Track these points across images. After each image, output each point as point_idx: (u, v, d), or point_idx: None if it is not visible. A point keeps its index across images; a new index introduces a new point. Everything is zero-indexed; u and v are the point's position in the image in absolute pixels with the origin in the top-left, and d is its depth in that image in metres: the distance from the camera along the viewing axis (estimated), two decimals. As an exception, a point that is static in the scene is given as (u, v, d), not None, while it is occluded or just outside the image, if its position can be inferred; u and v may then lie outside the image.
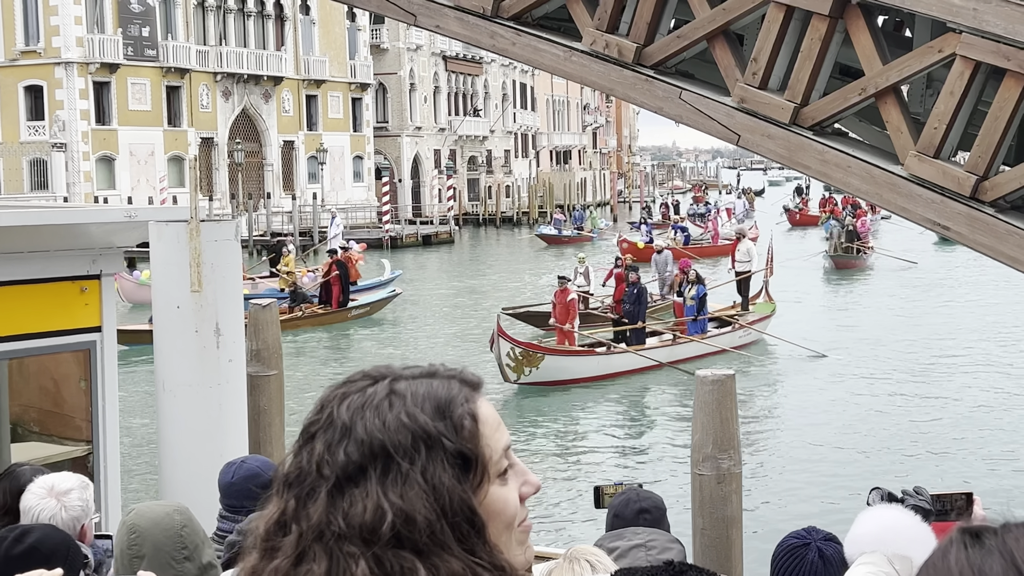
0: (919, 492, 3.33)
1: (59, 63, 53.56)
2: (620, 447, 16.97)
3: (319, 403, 1.44)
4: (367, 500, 1.34)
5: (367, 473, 1.36)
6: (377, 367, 1.47)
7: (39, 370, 7.04)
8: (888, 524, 3.02)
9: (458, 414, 1.40)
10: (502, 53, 10.56)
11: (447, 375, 1.45)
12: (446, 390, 1.42)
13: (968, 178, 7.87)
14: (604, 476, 13.98)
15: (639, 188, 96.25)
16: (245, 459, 4.32)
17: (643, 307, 22.86)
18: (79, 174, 53.89)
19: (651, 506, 3.77)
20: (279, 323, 10.70)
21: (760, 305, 26.21)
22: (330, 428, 1.40)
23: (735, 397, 7.38)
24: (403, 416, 1.38)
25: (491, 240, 64.01)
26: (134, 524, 3.43)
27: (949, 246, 46.72)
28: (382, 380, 1.43)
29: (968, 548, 1.15)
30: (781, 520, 12.64)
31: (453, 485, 1.36)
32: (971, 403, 18.83)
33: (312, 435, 1.41)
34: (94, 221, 6.29)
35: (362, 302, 30.28)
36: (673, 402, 19.51)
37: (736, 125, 9.01)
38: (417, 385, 1.42)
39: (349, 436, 1.38)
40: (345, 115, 69.33)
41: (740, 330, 24.06)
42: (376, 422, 1.38)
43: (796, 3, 8.46)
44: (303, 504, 1.37)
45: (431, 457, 1.37)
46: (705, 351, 22.23)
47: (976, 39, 7.61)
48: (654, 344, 22.36)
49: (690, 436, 16.21)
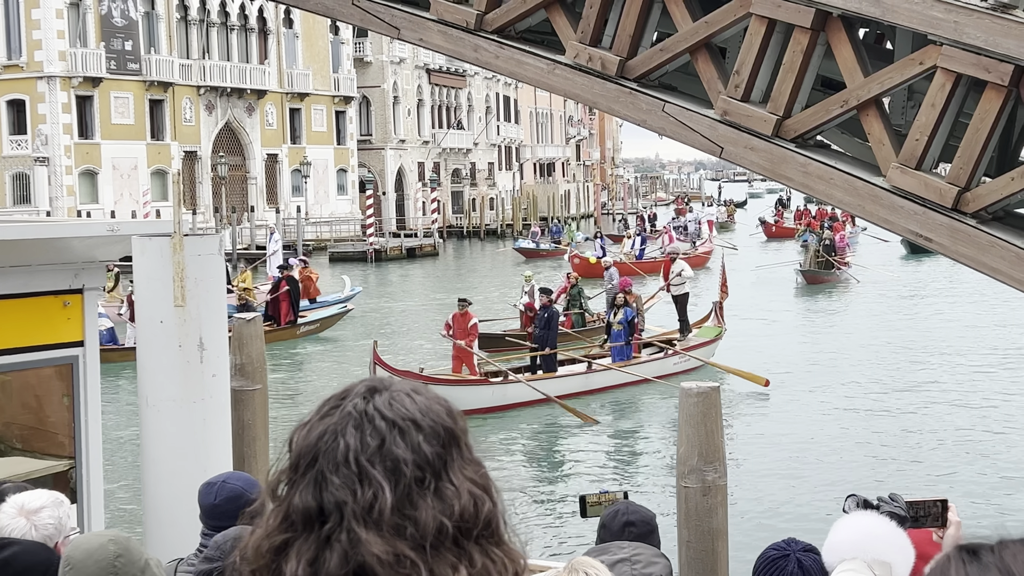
0: (894, 499, 3.36)
1: (42, 77, 53.41)
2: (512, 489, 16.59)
3: (319, 423, 1.37)
4: (461, 488, 1.32)
5: (447, 461, 1.33)
6: (346, 388, 1.42)
7: (21, 386, 7.01)
8: (866, 530, 3.03)
9: (446, 399, 1.42)
10: (485, 66, 10.57)
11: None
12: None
13: (950, 189, 7.91)
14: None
15: (623, 200, 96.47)
16: (226, 479, 4.24)
17: (553, 332, 21.08)
18: (62, 188, 53.72)
19: (638, 520, 3.76)
20: (263, 337, 10.67)
21: (704, 329, 24.17)
22: (368, 430, 1.33)
23: (720, 409, 7.38)
24: (436, 404, 1.37)
25: (475, 253, 64.02)
26: (68, 556, 3.39)
27: (916, 258, 46.74)
28: (378, 389, 1.40)
29: (967, 565, 1.16)
30: (767, 532, 12.67)
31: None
32: (945, 412, 18.97)
33: (328, 442, 1.34)
34: (76, 235, 6.26)
35: (312, 319, 29.21)
36: (551, 443, 17.96)
37: (719, 137, 9.04)
38: (399, 384, 1.41)
39: (412, 430, 1.33)
40: (329, 128, 69.30)
41: (674, 356, 22.29)
42: (432, 413, 1.35)
43: (778, 16, 8.50)
44: (388, 512, 1.28)
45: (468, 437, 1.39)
46: (623, 380, 20.56)
47: (957, 51, 7.65)
48: (565, 372, 20.68)
49: (634, 458, 16.15)
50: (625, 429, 18.95)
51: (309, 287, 31.38)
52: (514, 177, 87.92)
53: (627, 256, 44.27)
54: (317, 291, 31.91)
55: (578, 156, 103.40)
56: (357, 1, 10.53)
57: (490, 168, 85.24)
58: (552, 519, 13.83)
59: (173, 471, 6.57)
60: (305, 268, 32.39)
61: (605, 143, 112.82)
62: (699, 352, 22.66)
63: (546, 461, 17.10)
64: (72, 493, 6.76)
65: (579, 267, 39.91)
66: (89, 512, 6.76)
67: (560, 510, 14.16)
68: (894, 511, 3.28)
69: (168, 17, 58.87)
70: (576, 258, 43.96)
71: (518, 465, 16.52)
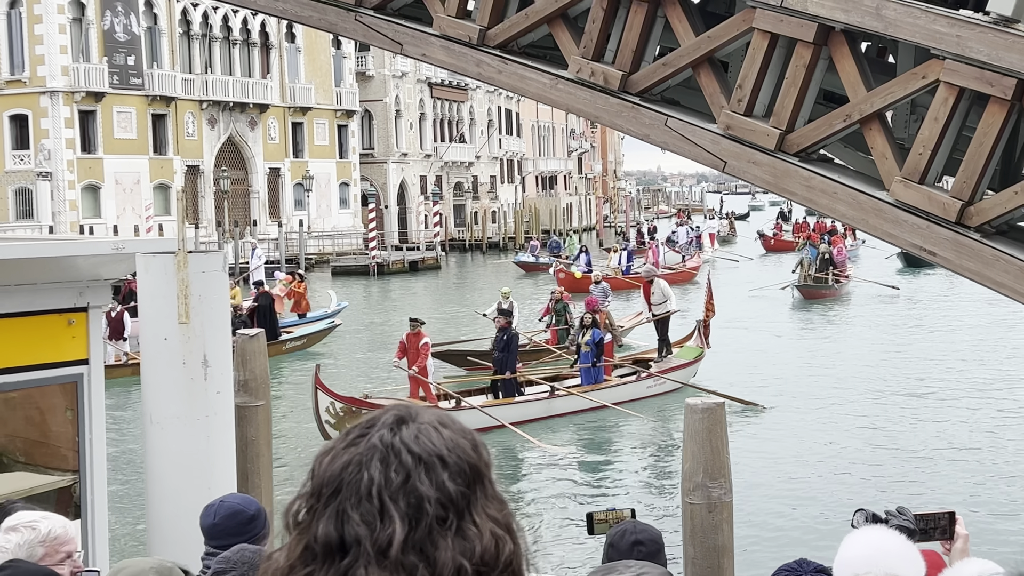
0: (902, 512, 3.35)
1: (44, 92, 53.50)
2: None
3: (333, 457, 1.35)
4: (483, 528, 1.29)
5: (471, 500, 1.31)
6: (373, 416, 1.40)
7: (25, 400, 7.00)
8: (876, 545, 3.01)
9: (472, 430, 1.40)
10: (488, 81, 10.59)
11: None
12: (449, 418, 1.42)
13: (954, 203, 7.91)
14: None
15: (624, 213, 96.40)
16: (223, 499, 4.26)
17: (512, 355, 19.94)
18: (65, 203, 53.77)
19: (647, 539, 3.75)
20: (267, 353, 10.65)
21: (685, 349, 23.01)
22: (394, 464, 1.30)
23: (725, 426, 7.32)
24: (462, 439, 1.35)
25: (477, 266, 64.01)
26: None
27: (913, 271, 46.31)
28: (405, 420, 1.37)
29: None
30: (772, 548, 12.61)
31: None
32: (950, 425, 18.90)
33: (345, 476, 1.31)
34: (81, 254, 6.26)
35: (298, 334, 28.40)
36: (513, 473, 17.00)
37: (722, 152, 9.04)
38: (426, 415, 1.39)
39: (437, 467, 1.31)
40: (331, 142, 69.37)
41: (649, 379, 21.17)
42: (458, 449, 1.33)
43: (780, 31, 8.51)
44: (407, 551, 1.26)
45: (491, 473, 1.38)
46: (587, 406, 19.48)
47: (960, 65, 7.66)
48: (525, 398, 19.73)
49: (633, 475, 15.82)
50: (606, 450, 18.31)
51: (300, 302, 30.76)
52: (516, 190, 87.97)
53: (614, 271, 43.10)
54: (308, 306, 31.13)
55: (580, 169, 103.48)
56: (360, 17, 10.55)
57: (492, 181, 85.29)
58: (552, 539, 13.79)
59: (177, 488, 6.56)
60: (301, 282, 31.78)
61: (607, 156, 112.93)
62: (677, 374, 21.56)
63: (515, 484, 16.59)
64: (76, 508, 6.76)
65: (564, 282, 39.06)
66: (93, 527, 6.75)
67: (564, 532, 14.12)
68: (903, 524, 3.26)
69: (170, 32, 59.00)
70: (561, 272, 42.95)
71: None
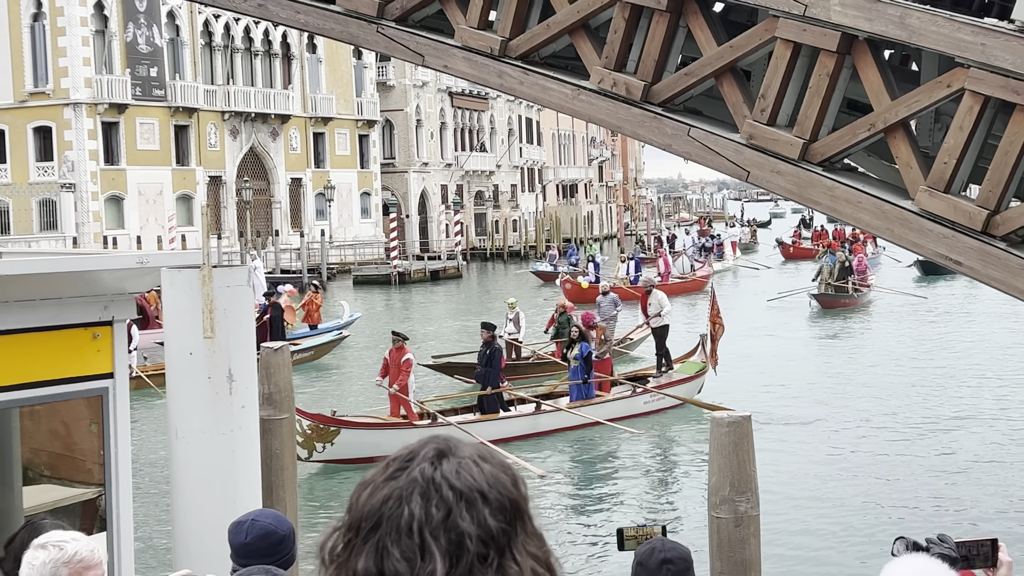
0: (943, 540, 3.28)
1: (68, 104, 53.88)
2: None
3: (375, 490, 1.33)
4: (524, 566, 1.28)
5: (512, 537, 1.29)
6: (412, 449, 1.38)
7: (49, 412, 7.03)
8: (919, 573, 2.96)
9: (511, 464, 1.39)
10: (510, 92, 10.59)
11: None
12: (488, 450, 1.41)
13: (979, 212, 7.85)
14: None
15: (645, 221, 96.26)
16: (255, 517, 4.21)
17: (495, 370, 19.23)
18: (88, 214, 54.09)
19: (675, 556, 3.73)
20: (291, 365, 10.65)
21: (686, 364, 22.11)
22: (435, 500, 1.29)
23: (752, 439, 7.26)
24: (503, 474, 1.34)
25: (498, 275, 63.99)
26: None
27: (930, 279, 45.56)
28: (445, 453, 1.35)
29: None
30: (799, 564, 12.50)
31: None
32: (986, 443, 18.34)
33: (388, 514, 1.29)
34: (106, 268, 6.28)
35: (305, 346, 27.80)
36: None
37: (745, 162, 9.01)
38: (466, 449, 1.36)
39: (479, 503, 1.29)
40: (352, 152, 69.58)
41: (645, 395, 20.29)
42: (499, 485, 1.31)
43: (803, 40, 8.48)
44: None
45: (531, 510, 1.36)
46: (576, 423, 18.76)
47: (985, 74, 7.61)
48: (510, 414, 19.09)
49: (664, 488, 15.58)
50: (598, 468, 17.80)
51: (313, 313, 30.58)
52: (537, 199, 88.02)
53: (622, 281, 41.47)
54: (320, 317, 30.83)
55: (601, 177, 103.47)
56: (382, 29, 10.58)
57: (513, 190, 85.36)
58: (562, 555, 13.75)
59: (203, 503, 6.57)
60: (317, 293, 31.58)
61: (628, 164, 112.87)
62: (677, 389, 20.70)
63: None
64: (101, 521, 6.77)
65: (570, 292, 38.30)
66: (118, 541, 6.76)
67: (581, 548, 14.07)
68: (944, 552, 3.20)
69: (193, 43, 59.34)
70: (568, 283, 41.78)
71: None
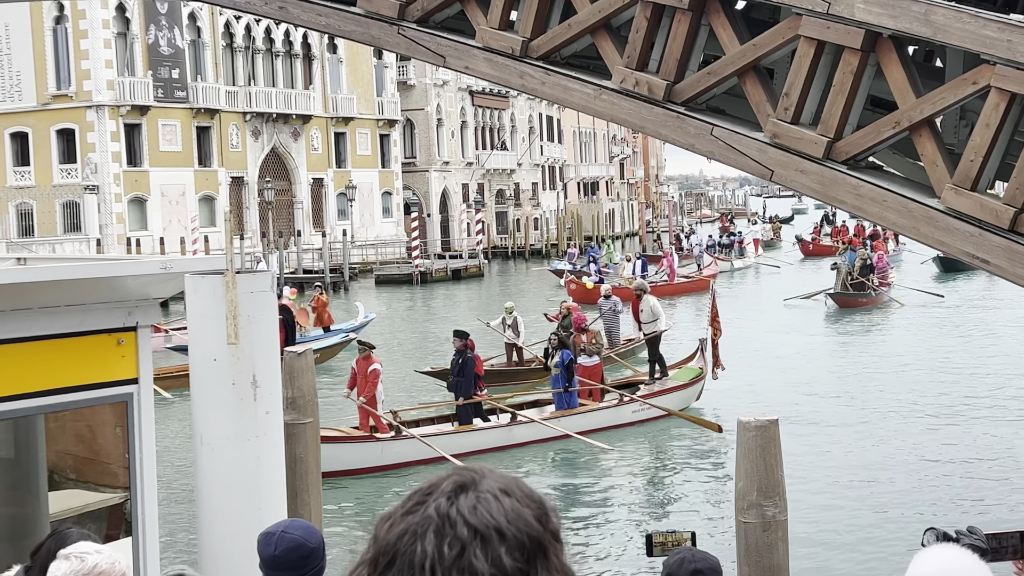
0: (973, 532, 3.27)
1: (90, 106, 54.16)
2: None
3: (391, 526, 1.32)
4: None
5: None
6: (434, 482, 1.36)
7: (75, 417, 7.05)
8: (949, 563, 2.94)
9: (540, 496, 1.36)
10: (532, 93, 10.56)
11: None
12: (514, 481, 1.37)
13: (1006, 210, 7.78)
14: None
15: (667, 218, 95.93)
16: (285, 528, 4.18)
17: (468, 380, 18.62)
18: (111, 216, 54.37)
19: (705, 567, 3.71)
20: (314, 370, 10.67)
21: (682, 371, 21.37)
22: (448, 537, 1.27)
23: (779, 443, 7.20)
24: (525, 508, 1.31)
25: (520, 273, 63.95)
26: None
27: (950, 276, 45.01)
28: (466, 487, 1.33)
29: None
30: (826, 568, 12.40)
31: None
32: (1009, 441, 18.25)
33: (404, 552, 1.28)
34: (130, 274, 6.28)
35: (312, 348, 27.24)
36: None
37: (769, 160, 8.96)
38: (488, 482, 1.34)
39: (494, 541, 1.26)
40: (373, 151, 69.69)
41: (632, 404, 19.45)
42: (519, 521, 1.28)
43: (827, 38, 8.42)
44: None
45: (559, 542, 1.34)
46: (550, 434, 18.03)
47: (1011, 70, 7.54)
48: (484, 425, 18.49)
49: (684, 492, 15.44)
50: (572, 478, 17.26)
51: (322, 315, 30.33)
52: (558, 197, 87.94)
53: (628, 280, 39.95)
54: (330, 319, 30.44)
55: (622, 174, 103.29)
56: (403, 30, 10.56)
57: (534, 188, 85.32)
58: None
59: (228, 510, 6.57)
60: (322, 295, 31.27)
61: (649, 161, 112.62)
62: (669, 397, 19.96)
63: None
64: (127, 526, 6.79)
65: (575, 293, 37.72)
66: (144, 545, 6.77)
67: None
68: (974, 543, 3.19)
69: (214, 45, 59.55)
70: (572, 283, 41.05)
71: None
